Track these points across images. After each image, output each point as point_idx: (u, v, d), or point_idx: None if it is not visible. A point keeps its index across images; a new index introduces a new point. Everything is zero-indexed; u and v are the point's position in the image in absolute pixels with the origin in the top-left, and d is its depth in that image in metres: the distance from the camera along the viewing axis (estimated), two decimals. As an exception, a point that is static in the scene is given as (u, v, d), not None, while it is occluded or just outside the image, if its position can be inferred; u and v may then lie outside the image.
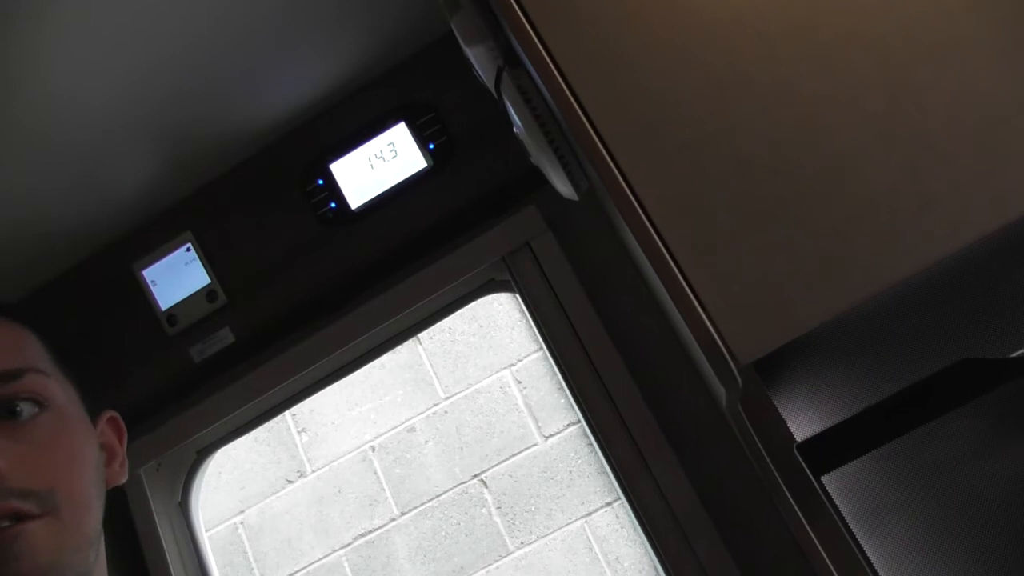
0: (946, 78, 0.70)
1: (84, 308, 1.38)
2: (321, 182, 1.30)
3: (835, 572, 0.73)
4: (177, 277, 1.32)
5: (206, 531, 1.42)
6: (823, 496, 0.74)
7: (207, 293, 1.32)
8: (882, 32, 0.72)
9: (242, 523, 2.09)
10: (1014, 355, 0.77)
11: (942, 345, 0.80)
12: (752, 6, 0.74)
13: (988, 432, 0.81)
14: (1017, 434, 0.81)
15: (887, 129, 0.71)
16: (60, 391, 0.59)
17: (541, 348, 2.02)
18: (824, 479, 0.75)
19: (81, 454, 0.58)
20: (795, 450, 0.73)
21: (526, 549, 1.94)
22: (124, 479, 0.63)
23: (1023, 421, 0.81)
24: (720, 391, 0.79)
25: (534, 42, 0.78)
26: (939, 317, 0.83)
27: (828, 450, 0.74)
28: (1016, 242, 0.76)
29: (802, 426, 0.81)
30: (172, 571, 1.28)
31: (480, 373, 2.04)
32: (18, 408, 0.55)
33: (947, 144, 0.69)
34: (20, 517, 0.52)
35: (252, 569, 2.06)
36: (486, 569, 1.94)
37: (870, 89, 0.72)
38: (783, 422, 0.75)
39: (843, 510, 0.77)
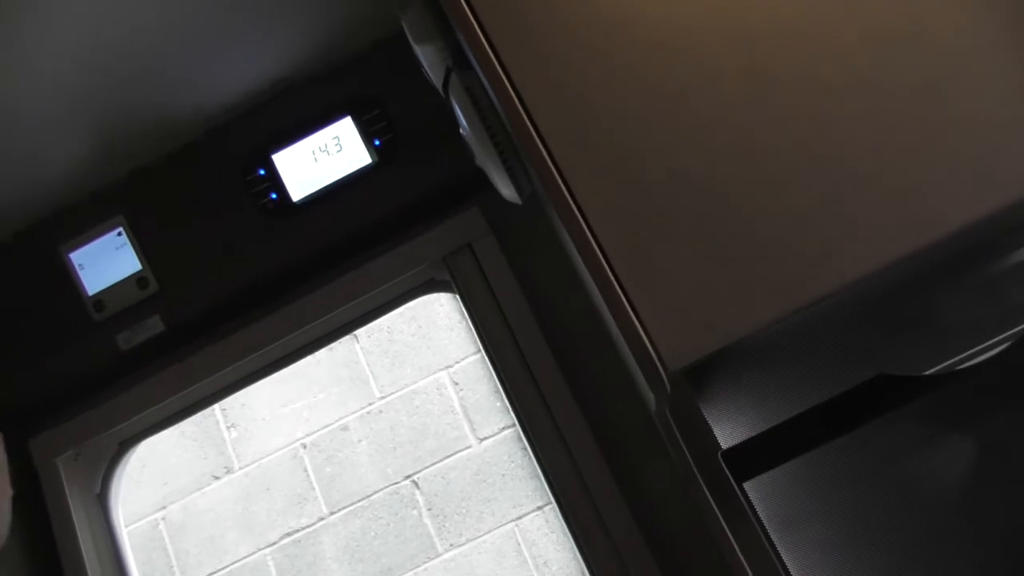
0: (870, 107, 0.74)
1: (6, 289, 1.32)
2: (263, 172, 1.28)
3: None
4: (106, 261, 1.28)
5: (125, 526, 1.37)
6: (744, 502, 0.76)
7: (138, 280, 1.28)
8: (814, 57, 0.75)
9: (163, 519, 2.03)
10: (928, 372, 0.81)
11: (863, 361, 0.83)
12: (695, 26, 0.76)
13: (901, 444, 0.85)
14: (928, 446, 0.85)
15: (815, 153, 0.74)
16: None
17: (479, 350, 2.02)
18: (746, 486, 0.77)
19: None
20: (719, 457, 0.75)
21: (455, 551, 1.93)
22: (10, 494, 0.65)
23: (935, 434, 0.85)
24: (650, 397, 0.81)
25: (483, 45, 0.78)
26: (861, 333, 0.86)
27: (751, 458, 0.77)
28: (933, 264, 0.80)
29: (728, 434, 0.83)
30: (87, 565, 1.23)
31: (417, 374, 2.03)
32: None
33: (869, 169, 0.73)
34: None
35: (172, 567, 2.00)
36: (414, 571, 1.93)
37: (800, 114, 0.75)
38: (710, 429, 0.77)
39: (763, 516, 0.79)
